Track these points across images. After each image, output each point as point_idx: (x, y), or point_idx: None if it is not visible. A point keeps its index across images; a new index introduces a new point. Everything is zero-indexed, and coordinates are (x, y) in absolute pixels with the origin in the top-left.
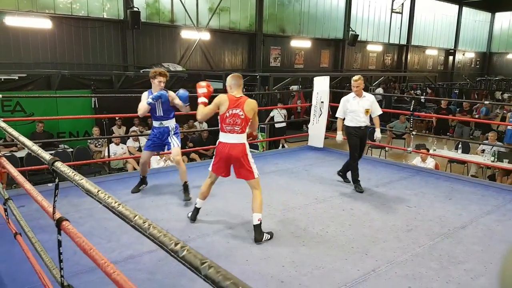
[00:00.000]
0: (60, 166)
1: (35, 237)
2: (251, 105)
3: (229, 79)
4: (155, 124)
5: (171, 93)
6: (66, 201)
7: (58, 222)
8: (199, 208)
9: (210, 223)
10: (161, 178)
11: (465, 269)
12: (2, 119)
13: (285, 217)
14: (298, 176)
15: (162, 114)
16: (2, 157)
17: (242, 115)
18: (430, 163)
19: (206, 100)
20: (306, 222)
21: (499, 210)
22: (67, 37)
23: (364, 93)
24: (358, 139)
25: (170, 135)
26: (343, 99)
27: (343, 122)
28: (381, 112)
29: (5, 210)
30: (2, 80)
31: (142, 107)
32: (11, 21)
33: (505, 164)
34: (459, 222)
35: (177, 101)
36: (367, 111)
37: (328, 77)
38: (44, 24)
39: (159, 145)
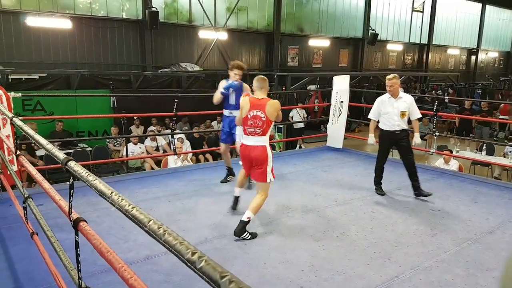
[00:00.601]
0: (74, 165)
1: (54, 237)
2: (274, 106)
3: (254, 82)
4: (225, 113)
5: (246, 86)
6: (84, 200)
7: (75, 223)
8: (238, 197)
9: (227, 224)
10: (178, 178)
11: (494, 277)
12: (21, 117)
13: (304, 219)
14: (317, 177)
15: (234, 103)
16: (22, 155)
17: (263, 117)
18: (453, 165)
19: None
20: (325, 225)
21: None
22: (87, 37)
23: (402, 94)
24: (390, 144)
25: (238, 126)
26: (377, 100)
27: (376, 125)
28: (420, 116)
29: (24, 208)
30: (23, 79)
31: (216, 96)
32: (32, 21)
33: None
34: (486, 226)
35: None
36: (403, 114)
37: (348, 76)
38: (64, 24)
39: (228, 133)
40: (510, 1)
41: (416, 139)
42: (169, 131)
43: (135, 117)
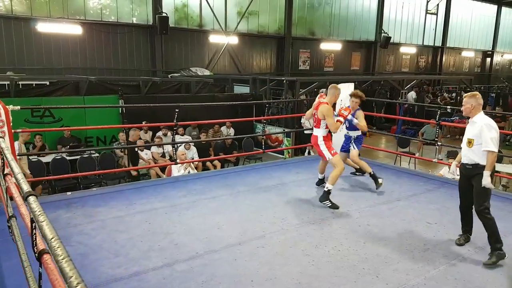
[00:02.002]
0: (32, 202)
1: (28, 261)
2: (321, 109)
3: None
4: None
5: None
6: (82, 212)
7: (39, 255)
8: (321, 179)
9: (221, 237)
10: (179, 187)
11: None
12: (18, 130)
13: (298, 233)
14: (317, 187)
15: (348, 126)
16: (8, 175)
17: (316, 115)
18: (458, 173)
19: (342, 120)
20: (319, 239)
21: None
22: (97, 42)
23: (478, 116)
24: (463, 181)
25: (352, 142)
26: None
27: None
28: (491, 149)
29: (9, 227)
30: (34, 85)
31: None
32: (43, 27)
33: None
34: (481, 241)
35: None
36: (469, 142)
37: (353, 83)
38: (75, 30)
39: (346, 148)
40: None
41: (484, 179)
42: (177, 137)
43: (143, 123)
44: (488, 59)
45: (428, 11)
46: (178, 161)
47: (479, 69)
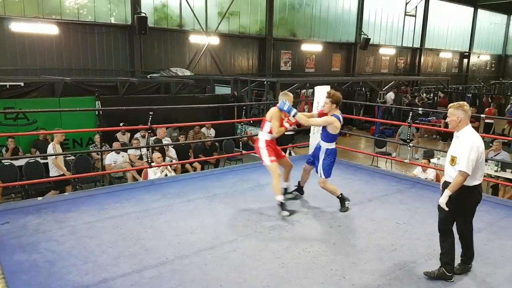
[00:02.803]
0: None
1: None
2: (270, 111)
3: None
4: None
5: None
6: (52, 217)
7: None
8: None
9: (193, 242)
10: (153, 191)
11: None
12: None
13: (271, 235)
14: (293, 188)
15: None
16: None
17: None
18: (430, 173)
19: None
20: (290, 241)
21: (490, 228)
22: (74, 42)
23: (464, 130)
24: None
25: (320, 158)
26: None
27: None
28: (464, 169)
29: None
30: (8, 86)
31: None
32: (17, 27)
33: (508, 174)
34: None
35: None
36: (452, 160)
37: (328, 86)
38: (51, 29)
39: (311, 161)
40: (501, 5)
41: (442, 197)
42: (156, 138)
43: (120, 124)
44: (465, 60)
45: (406, 13)
46: (153, 164)
47: (456, 69)
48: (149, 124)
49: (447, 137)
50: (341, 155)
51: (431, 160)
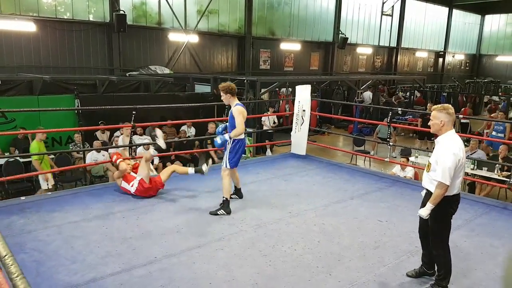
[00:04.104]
0: None
1: None
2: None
3: None
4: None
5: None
6: (36, 217)
7: None
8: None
9: (180, 241)
10: None
11: None
12: None
13: (256, 233)
14: (276, 187)
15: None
16: None
17: None
18: (409, 171)
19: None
20: (276, 239)
21: (468, 225)
22: (52, 40)
23: (445, 135)
24: (421, 205)
25: (226, 150)
26: None
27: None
28: (440, 179)
29: None
30: None
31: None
32: None
33: (483, 172)
34: None
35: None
36: (428, 166)
37: (310, 85)
38: (28, 27)
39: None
40: (476, 6)
41: (424, 209)
42: (136, 137)
43: (99, 122)
44: (441, 59)
45: (383, 13)
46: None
47: (432, 69)
48: (132, 122)
49: (424, 135)
50: (320, 153)
51: (409, 159)
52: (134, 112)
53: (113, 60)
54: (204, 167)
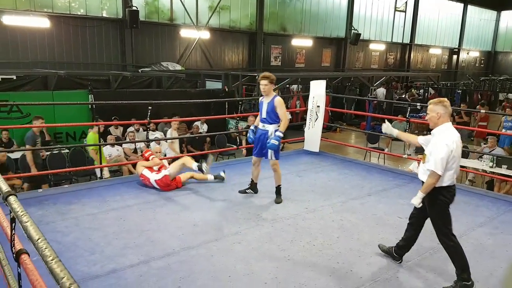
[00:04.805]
0: (13, 202)
1: (6, 259)
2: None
3: None
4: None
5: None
6: (54, 209)
7: (17, 255)
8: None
9: (197, 234)
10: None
11: None
12: None
13: (273, 228)
14: (291, 182)
15: (265, 116)
16: None
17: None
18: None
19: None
20: (293, 234)
21: (492, 222)
22: (65, 36)
23: (441, 127)
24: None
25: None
26: None
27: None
28: (432, 168)
29: None
30: (0, 80)
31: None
32: (9, 20)
33: (503, 171)
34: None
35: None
36: (424, 157)
37: (325, 81)
38: (42, 23)
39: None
40: (491, 2)
41: (415, 197)
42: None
43: (112, 118)
44: (455, 56)
45: (396, 9)
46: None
47: (445, 66)
48: (148, 118)
49: None
50: (332, 150)
51: None
52: (150, 108)
53: (126, 56)
54: (204, 166)
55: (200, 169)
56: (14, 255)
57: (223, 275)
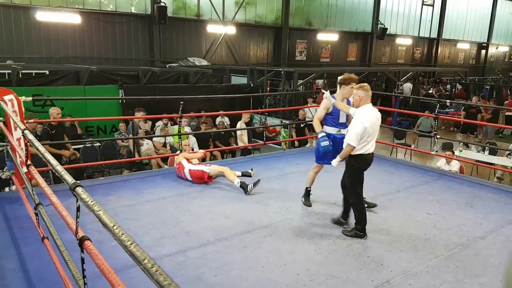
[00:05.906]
0: (81, 192)
1: (63, 246)
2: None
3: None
4: (331, 130)
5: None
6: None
7: (81, 241)
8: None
9: (229, 226)
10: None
11: (481, 283)
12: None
13: (303, 222)
14: (319, 177)
15: (344, 121)
16: (31, 165)
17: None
18: (454, 165)
19: None
20: (323, 228)
21: None
22: (96, 32)
23: (361, 108)
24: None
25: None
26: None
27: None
28: (348, 141)
29: (36, 214)
30: (34, 74)
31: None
32: (42, 16)
33: None
34: (479, 232)
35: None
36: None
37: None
38: (74, 19)
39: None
40: None
41: (334, 160)
42: (176, 127)
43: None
44: (483, 51)
45: (424, 3)
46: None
47: (473, 61)
48: (180, 112)
49: (466, 129)
50: None
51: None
52: (182, 102)
53: (154, 51)
54: (250, 187)
55: (243, 187)
56: (78, 241)
57: (256, 266)
